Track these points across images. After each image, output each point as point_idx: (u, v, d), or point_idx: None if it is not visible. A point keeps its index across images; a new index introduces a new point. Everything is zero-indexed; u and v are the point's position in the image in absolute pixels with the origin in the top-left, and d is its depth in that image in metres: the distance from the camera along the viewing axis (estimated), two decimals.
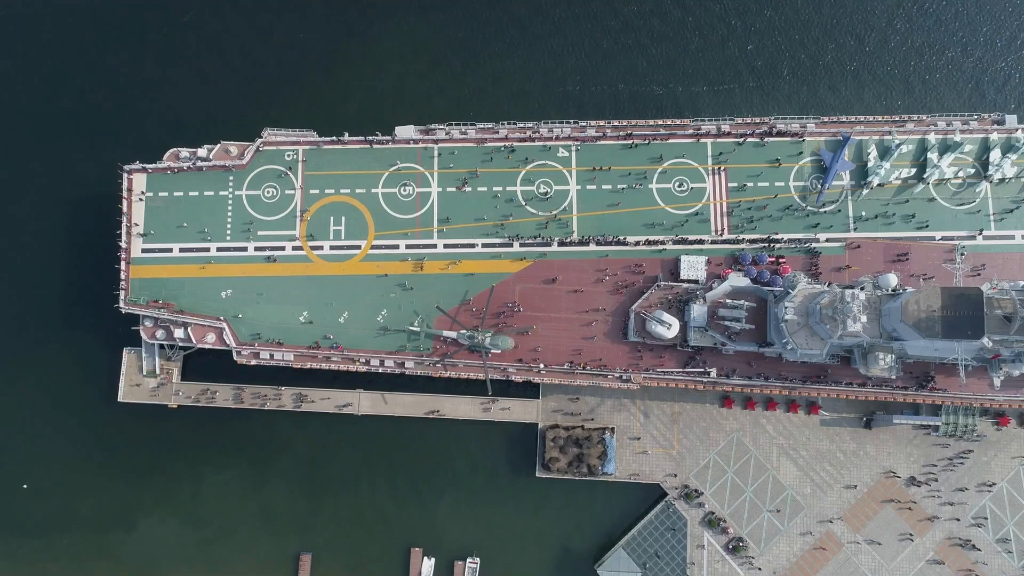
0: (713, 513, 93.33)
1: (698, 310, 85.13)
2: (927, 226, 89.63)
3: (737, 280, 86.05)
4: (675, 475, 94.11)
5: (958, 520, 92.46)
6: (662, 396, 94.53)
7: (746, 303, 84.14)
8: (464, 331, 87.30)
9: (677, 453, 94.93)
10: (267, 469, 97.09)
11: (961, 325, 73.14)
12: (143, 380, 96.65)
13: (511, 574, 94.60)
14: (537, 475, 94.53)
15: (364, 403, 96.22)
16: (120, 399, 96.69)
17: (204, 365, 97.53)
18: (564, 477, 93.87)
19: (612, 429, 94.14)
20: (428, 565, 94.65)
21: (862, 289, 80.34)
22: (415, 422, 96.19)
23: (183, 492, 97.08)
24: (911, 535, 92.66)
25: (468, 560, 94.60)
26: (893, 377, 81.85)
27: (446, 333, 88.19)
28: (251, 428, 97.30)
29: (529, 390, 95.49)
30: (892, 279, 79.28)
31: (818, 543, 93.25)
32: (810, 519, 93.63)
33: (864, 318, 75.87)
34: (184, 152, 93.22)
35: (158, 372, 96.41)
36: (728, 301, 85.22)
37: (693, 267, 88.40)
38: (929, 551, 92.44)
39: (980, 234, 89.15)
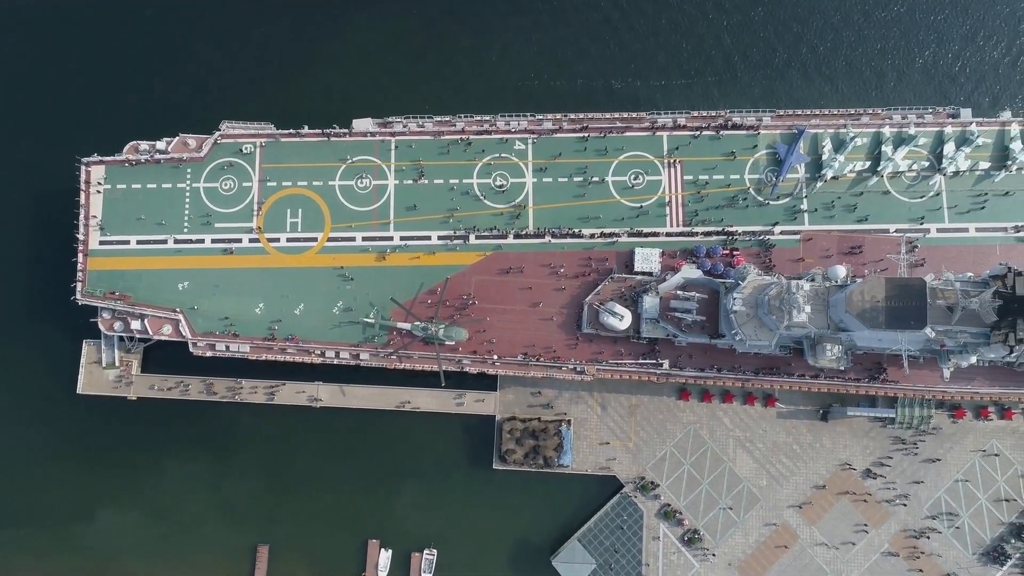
0: (669, 505, 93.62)
1: (650, 302, 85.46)
2: (880, 219, 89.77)
3: (689, 272, 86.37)
4: (632, 467, 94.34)
5: (912, 511, 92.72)
6: (619, 389, 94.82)
7: (697, 295, 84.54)
8: (418, 323, 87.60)
9: (634, 445, 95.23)
10: (227, 461, 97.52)
11: (904, 315, 73.45)
12: (104, 372, 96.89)
13: (467, 566, 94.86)
14: (494, 467, 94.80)
15: (323, 395, 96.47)
16: (80, 391, 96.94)
17: (165, 357, 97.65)
18: (521, 469, 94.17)
19: (569, 421, 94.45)
20: (385, 557, 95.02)
21: (811, 280, 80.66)
22: (374, 414, 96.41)
23: (144, 484, 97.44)
24: (866, 527, 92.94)
25: (425, 552, 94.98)
26: (842, 368, 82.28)
27: (400, 325, 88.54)
28: (212, 420, 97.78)
29: (488, 383, 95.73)
30: (840, 270, 79.60)
31: (774, 535, 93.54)
32: (766, 511, 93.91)
33: (808, 308, 76.19)
34: (144, 145, 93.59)
35: (118, 364, 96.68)
36: (680, 293, 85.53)
37: (647, 259, 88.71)
38: (884, 543, 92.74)
39: (922, 222, 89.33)
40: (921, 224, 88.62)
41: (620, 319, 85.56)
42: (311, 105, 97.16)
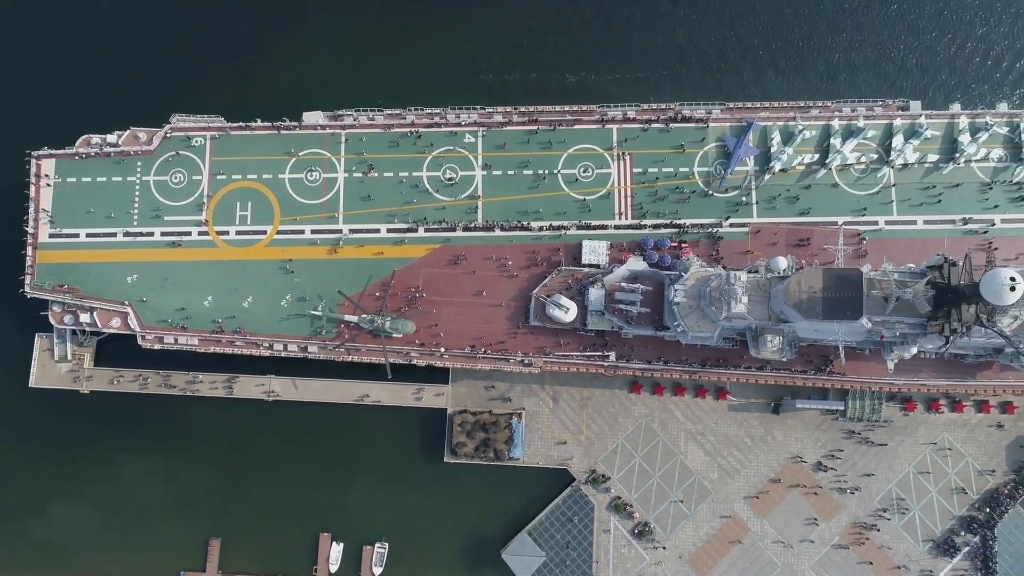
0: (620, 498, 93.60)
1: (595, 294, 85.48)
2: (828, 211, 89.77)
3: (635, 264, 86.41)
4: (583, 460, 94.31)
5: (863, 504, 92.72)
6: (572, 382, 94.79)
7: (642, 287, 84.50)
8: (365, 315, 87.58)
9: (586, 439, 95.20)
10: (181, 455, 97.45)
11: (841, 306, 73.49)
12: (56, 365, 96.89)
13: (419, 559, 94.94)
14: (445, 460, 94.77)
15: (278, 389, 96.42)
16: (32, 384, 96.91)
17: (119, 351, 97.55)
18: (472, 462, 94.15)
19: (520, 415, 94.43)
20: (337, 550, 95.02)
21: (754, 272, 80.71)
22: (329, 408, 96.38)
23: (97, 478, 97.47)
24: (816, 520, 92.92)
25: (376, 545, 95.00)
26: (784, 360, 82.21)
27: (347, 317, 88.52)
28: (166, 414, 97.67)
29: (441, 376, 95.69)
30: (782, 262, 79.53)
31: (724, 528, 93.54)
32: (717, 504, 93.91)
33: (745, 299, 76.14)
34: (96, 138, 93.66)
35: (70, 357, 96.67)
36: (625, 285, 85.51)
37: (594, 252, 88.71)
38: (835, 536, 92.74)
39: (863, 213, 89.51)
40: (863, 216, 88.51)
41: (566, 311, 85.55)
42: (262, 98, 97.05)
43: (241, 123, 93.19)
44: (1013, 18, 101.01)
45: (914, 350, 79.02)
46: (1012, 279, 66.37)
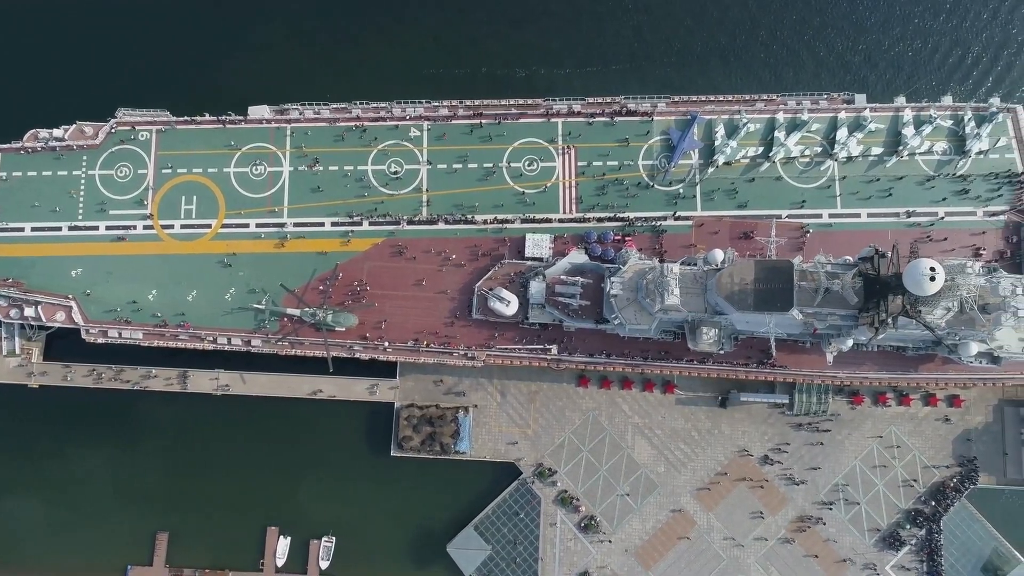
0: (566, 492, 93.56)
1: (536, 287, 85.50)
2: (773, 204, 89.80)
3: (576, 257, 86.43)
4: (531, 454, 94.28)
5: (809, 498, 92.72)
6: (519, 376, 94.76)
7: (581, 280, 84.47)
8: (307, 309, 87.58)
9: (533, 432, 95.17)
10: (130, 449, 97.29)
11: (772, 298, 73.50)
12: (3, 360, 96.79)
13: (366, 553, 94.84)
14: (392, 454, 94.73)
15: (228, 383, 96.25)
16: None
17: (69, 345, 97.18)
18: (418, 456, 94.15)
19: (467, 408, 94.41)
20: (284, 544, 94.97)
21: (690, 265, 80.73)
22: (275, 402, 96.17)
23: (45, 472, 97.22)
24: (762, 513, 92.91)
25: (324, 539, 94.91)
26: (722, 352, 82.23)
27: (290, 311, 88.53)
28: (113, 408, 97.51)
29: (389, 370, 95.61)
30: (718, 254, 79.56)
31: (671, 521, 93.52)
32: (664, 498, 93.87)
33: (678, 291, 76.14)
34: (43, 133, 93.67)
35: (18, 352, 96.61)
36: (565, 278, 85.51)
37: (538, 245, 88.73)
38: (781, 529, 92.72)
39: (802, 206, 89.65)
40: (803, 209, 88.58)
41: (507, 304, 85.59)
42: (208, 92, 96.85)
43: (187, 117, 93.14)
44: (960, 12, 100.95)
45: (850, 342, 79.13)
46: (932, 269, 66.42)
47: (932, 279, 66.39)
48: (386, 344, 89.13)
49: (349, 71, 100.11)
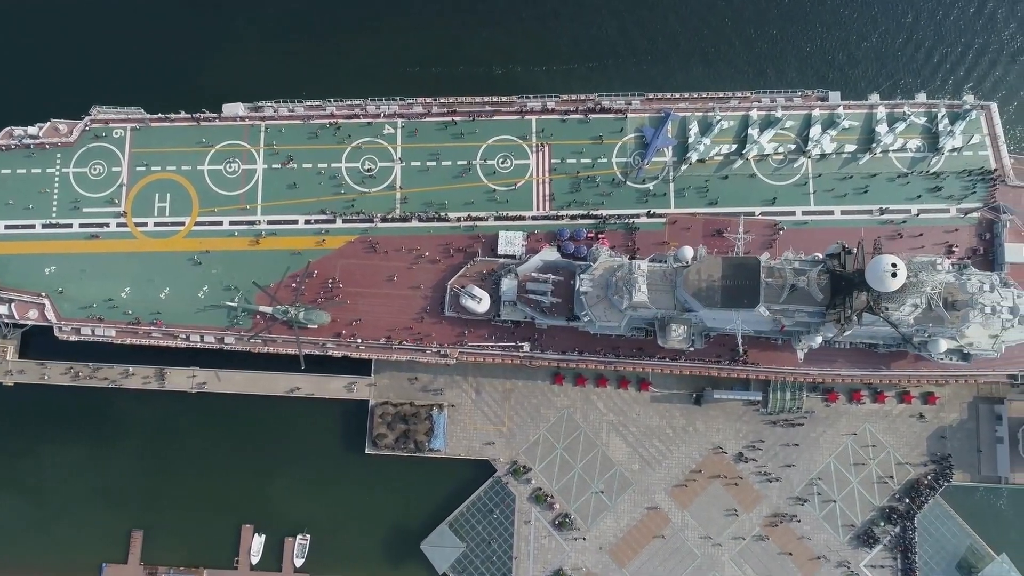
0: (541, 489, 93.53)
1: (508, 284, 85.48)
2: (746, 201, 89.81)
3: (548, 254, 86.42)
4: (505, 452, 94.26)
5: (784, 495, 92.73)
6: (494, 373, 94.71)
7: (553, 277, 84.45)
8: (280, 306, 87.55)
9: (507, 430, 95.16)
10: (104, 447, 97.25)
11: (738, 294, 73.48)
12: None
13: (340, 550, 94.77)
14: (367, 452, 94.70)
15: (204, 381, 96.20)
16: None
17: (45, 344, 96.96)
18: (393, 454, 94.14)
19: (441, 406, 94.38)
20: (259, 542, 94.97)
21: (660, 262, 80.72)
22: (251, 400, 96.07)
23: (20, 470, 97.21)
24: (737, 511, 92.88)
25: (298, 537, 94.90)
26: (691, 349, 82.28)
27: (262, 308, 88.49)
28: (88, 406, 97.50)
29: (364, 367, 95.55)
30: (688, 251, 79.44)
31: (645, 519, 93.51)
32: (638, 495, 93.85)
33: (645, 288, 76.11)
34: (18, 130, 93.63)
35: None
36: (537, 275, 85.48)
37: (510, 242, 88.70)
38: (755, 526, 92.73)
39: (774, 203, 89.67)
40: (774, 206, 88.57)
41: (478, 302, 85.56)
42: (182, 89, 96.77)
43: (161, 115, 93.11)
44: (935, 10, 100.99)
45: (819, 339, 79.13)
46: (893, 265, 66.45)
47: (894, 275, 66.41)
48: (359, 341, 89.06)
49: (326, 69, 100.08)
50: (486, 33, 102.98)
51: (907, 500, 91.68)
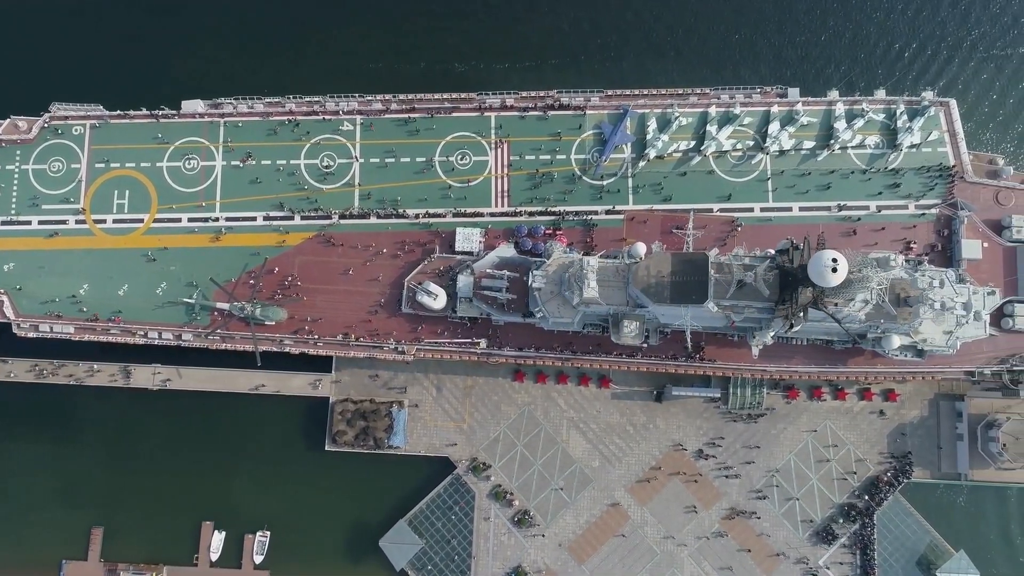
0: (500, 486, 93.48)
1: (464, 281, 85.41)
2: (704, 198, 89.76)
3: (504, 251, 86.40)
4: (465, 448, 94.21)
5: (744, 492, 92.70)
6: (455, 370, 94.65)
7: (508, 273, 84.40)
8: (236, 303, 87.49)
9: (468, 426, 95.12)
10: (64, 444, 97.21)
11: (687, 290, 73.40)
12: None
13: (300, 547, 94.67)
14: (327, 449, 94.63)
15: (165, 378, 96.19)
16: None
17: (13, 341, 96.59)
18: (352, 450, 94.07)
19: (401, 403, 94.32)
20: (218, 538, 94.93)
21: (612, 258, 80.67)
22: (212, 397, 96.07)
23: None
24: (696, 507, 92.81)
25: (258, 533, 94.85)
26: (645, 345, 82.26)
27: (219, 305, 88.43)
28: (51, 404, 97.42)
29: (325, 364, 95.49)
30: (640, 248, 79.50)
31: (605, 516, 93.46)
32: (598, 492, 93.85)
33: (595, 284, 76.05)
34: None
35: None
36: (493, 272, 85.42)
37: (468, 239, 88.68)
38: (715, 523, 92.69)
39: (729, 199, 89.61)
40: (729, 203, 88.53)
41: (434, 298, 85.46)
42: (142, 86, 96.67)
43: (120, 111, 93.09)
44: (895, 7, 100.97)
45: (771, 336, 79.06)
46: (834, 260, 66.41)
47: (834, 270, 66.39)
48: (316, 338, 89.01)
49: (288, 66, 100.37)
50: (449, 30, 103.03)
51: (866, 497, 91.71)
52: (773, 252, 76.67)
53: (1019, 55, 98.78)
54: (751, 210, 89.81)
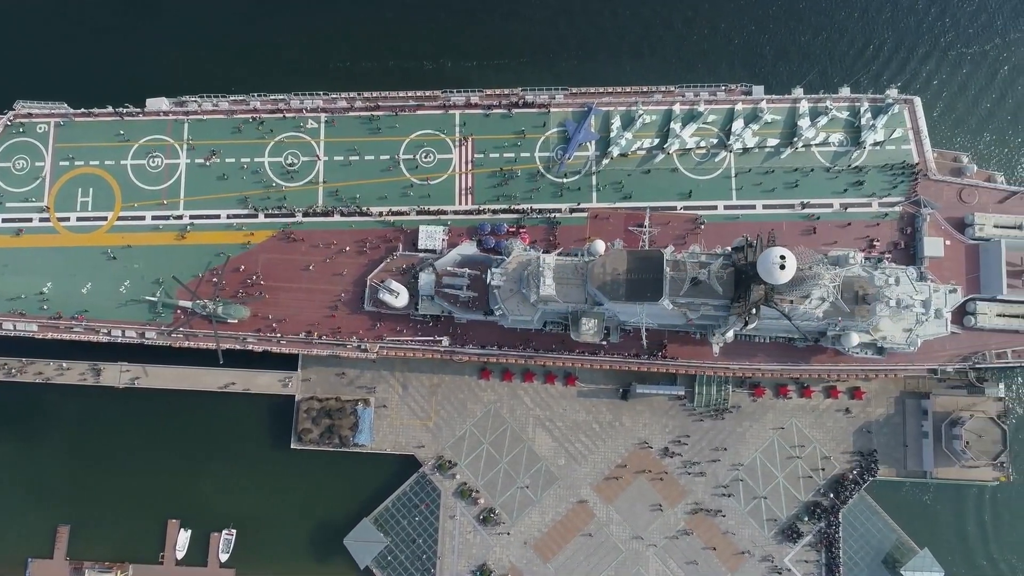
0: (466, 484, 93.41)
1: (425, 279, 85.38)
2: (668, 195, 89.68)
3: (465, 249, 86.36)
4: (431, 446, 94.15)
5: (709, 490, 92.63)
6: (421, 368, 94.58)
7: (469, 271, 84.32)
8: (199, 301, 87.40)
9: (434, 425, 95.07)
10: (30, 442, 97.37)
11: (643, 287, 73.32)
12: None
13: (266, 545, 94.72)
14: (292, 447, 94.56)
15: (135, 376, 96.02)
16: None
17: None
18: (318, 448, 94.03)
19: (367, 401, 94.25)
20: (184, 536, 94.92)
21: (572, 256, 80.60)
22: (179, 395, 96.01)
23: None
24: (661, 505, 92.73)
25: (224, 532, 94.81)
26: (604, 344, 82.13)
27: (182, 303, 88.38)
28: (17, 402, 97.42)
29: (292, 363, 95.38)
30: (600, 245, 79.45)
31: (570, 514, 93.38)
32: (564, 490, 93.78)
33: (551, 281, 75.98)
34: None
35: None
36: (455, 270, 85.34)
37: (431, 237, 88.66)
38: (680, 521, 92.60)
39: (690, 196, 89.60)
40: (690, 200, 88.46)
41: (396, 296, 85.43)
42: (106, 84, 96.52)
43: (84, 109, 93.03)
44: (861, 4, 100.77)
45: (731, 333, 78.99)
46: (782, 257, 66.31)
47: (782, 267, 66.31)
48: (279, 336, 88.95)
49: (254, 65, 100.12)
50: (416, 28, 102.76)
51: (832, 495, 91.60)
52: (729, 249, 76.40)
53: (984, 53, 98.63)
54: (715, 208, 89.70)
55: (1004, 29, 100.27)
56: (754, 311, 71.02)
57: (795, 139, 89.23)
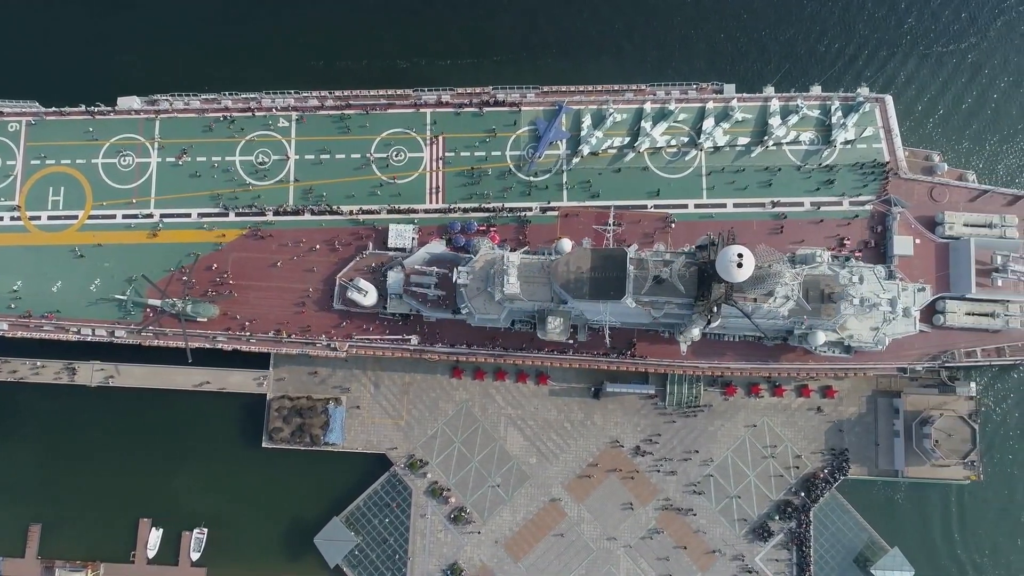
0: (437, 483, 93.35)
1: (394, 277, 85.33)
2: (638, 194, 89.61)
3: (434, 247, 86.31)
4: (403, 445, 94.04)
5: (680, 489, 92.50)
6: (394, 367, 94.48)
7: (438, 270, 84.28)
8: (168, 299, 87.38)
9: (405, 423, 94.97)
10: (2, 441, 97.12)
11: (606, 286, 73.26)
12: None
13: (237, 544, 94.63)
14: (263, 446, 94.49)
15: (106, 375, 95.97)
16: None
17: None
18: (289, 447, 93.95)
19: (338, 400, 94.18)
20: (156, 535, 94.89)
21: (540, 255, 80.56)
22: (151, 394, 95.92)
23: None
24: (632, 504, 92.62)
25: (195, 531, 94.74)
26: (571, 342, 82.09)
27: (151, 302, 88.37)
28: None
29: (263, 361, 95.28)
30: (566, 244, 79.47)
31: (541, 513, 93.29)
32: (535, 489, 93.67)
33: (515, 280, 75.91)
34: None
35: None
36: (423, 268, 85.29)
37: (401, 235, 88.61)
38: (651, 520, 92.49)
39: (658, 195, 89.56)
40: (659, 198, 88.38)
41: (364, 295, 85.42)
42: (77, 83, 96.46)
43: (56, 108, 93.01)
44: (832, 3, 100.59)
45: (697, 331, 78.86)
46: (739, 256, 66.24)
47: (739, 265, 66.24)
48: (249, 335, 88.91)
49: (229, 64, 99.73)
50: (391, 28, 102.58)
51: (803, 494, 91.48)
52: (692, 248, 76.33)
53: (957, 52, 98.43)
54: (686, 206, 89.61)
55: (979, 27, 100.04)
56: (715, 309, 70.82)
57: (766, 137, 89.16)
